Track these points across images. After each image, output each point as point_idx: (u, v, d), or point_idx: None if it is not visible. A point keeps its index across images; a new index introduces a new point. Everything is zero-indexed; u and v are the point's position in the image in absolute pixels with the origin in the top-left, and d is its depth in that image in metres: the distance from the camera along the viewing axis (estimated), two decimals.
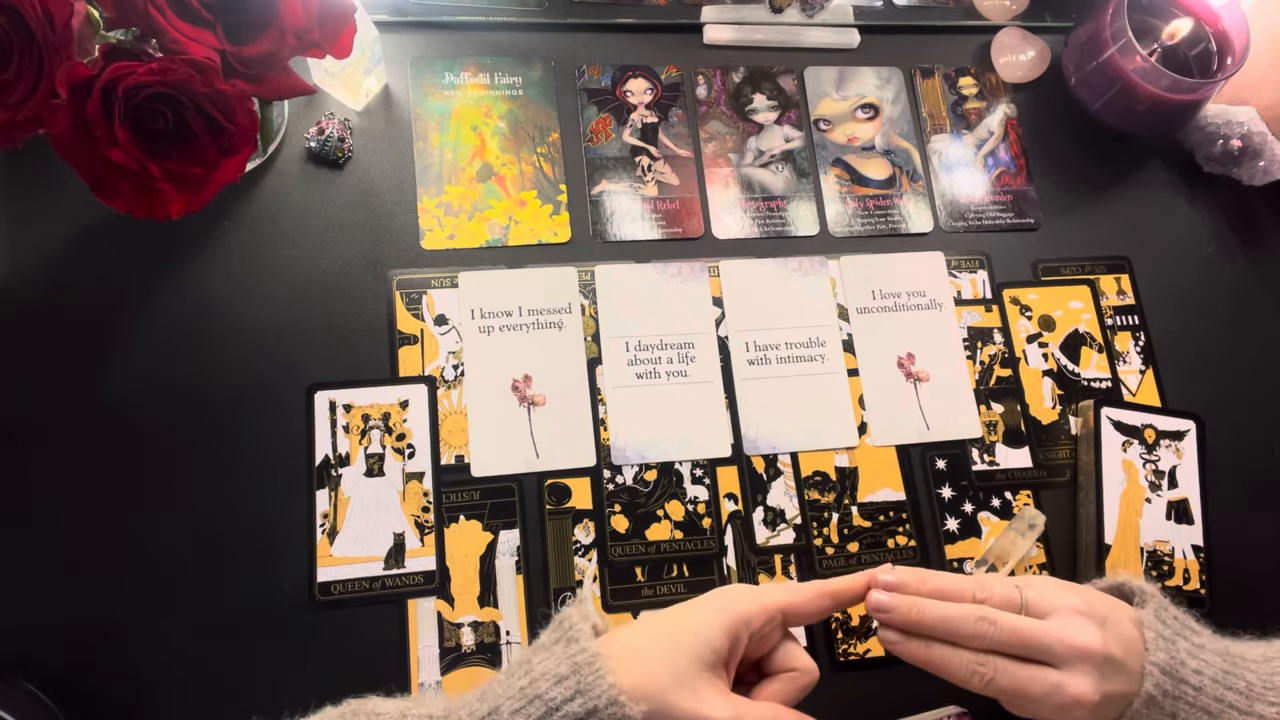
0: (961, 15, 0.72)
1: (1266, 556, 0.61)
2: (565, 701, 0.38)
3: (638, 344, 0.59)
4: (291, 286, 0.57)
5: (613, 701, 0.38)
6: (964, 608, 0.44)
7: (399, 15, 0.64)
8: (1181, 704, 0.43)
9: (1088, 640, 0.42)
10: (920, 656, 0.45)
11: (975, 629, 0.43)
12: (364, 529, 0.53)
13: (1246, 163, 0.67)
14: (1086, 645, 0.42)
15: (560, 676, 0.39)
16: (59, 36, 0.42)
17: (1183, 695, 0.43)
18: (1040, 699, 0.42)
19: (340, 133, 0.60)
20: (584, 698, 0.38)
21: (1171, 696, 0.43)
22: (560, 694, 0.39)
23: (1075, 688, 0.42)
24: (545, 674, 0.39)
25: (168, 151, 0.45)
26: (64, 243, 0.56)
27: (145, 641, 0.50)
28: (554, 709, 0.38)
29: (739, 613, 0.42)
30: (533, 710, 0.39)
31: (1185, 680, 0.43)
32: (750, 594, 0.43)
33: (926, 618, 0.44)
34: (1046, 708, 0.42)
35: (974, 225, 0.66)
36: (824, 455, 0.59)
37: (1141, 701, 0.42)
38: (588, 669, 0.39)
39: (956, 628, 0.43)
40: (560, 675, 0.39)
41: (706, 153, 0.65)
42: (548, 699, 0.39)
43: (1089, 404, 0.61)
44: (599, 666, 0.39)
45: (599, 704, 0.38)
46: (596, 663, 0.39)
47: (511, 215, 0.61)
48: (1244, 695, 0.43)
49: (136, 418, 0.54)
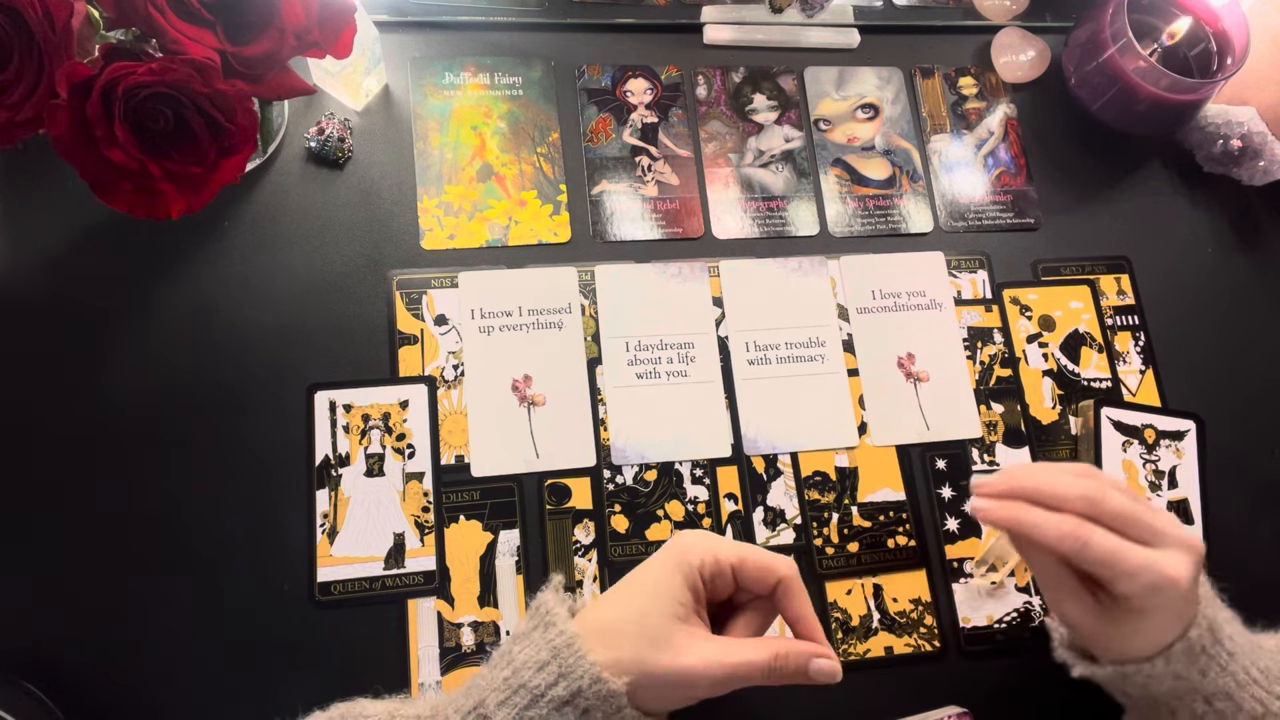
0: (961, 15, 0.72)
1: (1267, 557, 0.61)
2: (550, 687, 0.39)
3: (638, 344, 0.59)
4: (291, 286, 0.57)
5: (596, 679, 0.38)
6: (1073, 482, 0.44)
7: (399, 15, 0.64)
8: (1214, 665, 0.44)
9: (1193, 536, 0.43)
10: (1012, 516, 0.44)
11: (1083, 492, 0.43)
12: (364, 529, 0.53)
13: (1246, 163, 0.67)
14: (1192, 539, 0.43)
15: (542, 663, 0.39)
16: (59, 36, 0.42)
17: (1217, 656, 0.44)
18: (1134, 572, 0.41)
19: (340, 133, 0.60)
20: (567, 680, 0.39)
21: (1208, 654, 0.44)
22: (544, 680, 0.39)
23: (1173, 567, 0.41)
24: (527, 662, 0.40)
25: (168, 151, 0.45)
26: (64, 243, 0.56)
27: (145, 641, 0.50)
28: (539, 696, 0.39)
29: (691, 561, 0.42)
30: (518, 700, 0.39)
31: (1222, 643, 0.44)
32: (700, 542, 0.43)
33: (1032, 482, 0.44)
34: (1138, 584, 0.41)
35: (974, 225, 0.66)
36: (824, 455, 0.59)
37: (1183, 646, 0.43)
38: (567, 651, 0.39)
39: (1063, 492, 0.43)
40: (542, 661, 0.39)
41: (706, 153, 0.65)
42: (532, 687, 0.39)
43: (1089, 404, 0.61)
44: (578, 648, 0.39)
45: (583, 684, 0.38)
46: (575, 644, 0.39)
47: (511, 215, 0.61)
48: (1265, 675, 0.44)
49: (136, 417, 0.54)
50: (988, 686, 0.55)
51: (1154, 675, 0.44)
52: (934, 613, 0.56)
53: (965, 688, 0.55)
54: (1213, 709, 0.44)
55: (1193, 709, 0.44)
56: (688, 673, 0.40)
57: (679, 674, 0.40)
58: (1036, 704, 0.55)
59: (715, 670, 0.40)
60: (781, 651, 0.42)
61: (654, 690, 0.40)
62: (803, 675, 0.42)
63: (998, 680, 0.55)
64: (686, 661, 0.40)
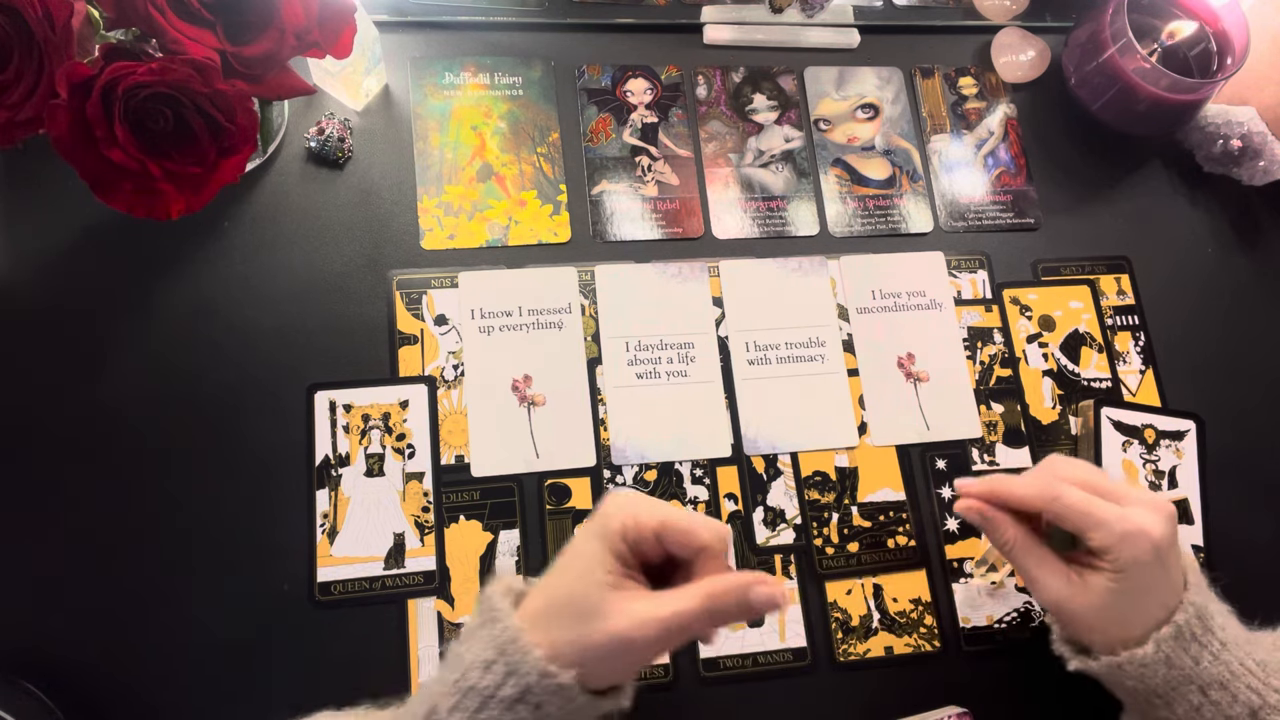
0: (961, 15, 0.72)
1: (1266, 557, 0.61)
2: (498, 687, 0.38)
3: (638, 344, 0.59)
4: (291, 286, 0.57)
5: (543, 674, 0.37)
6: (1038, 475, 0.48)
7: (399, 15, 0.64)
8: (1206, 653, 0.44)
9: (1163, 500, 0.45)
10: (988, 490, 0.48)
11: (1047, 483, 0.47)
12: (364, 529, 0.53)
13: (1246, 163, 0.67)
14: (1161, 501, 0.45)
15: (488, 662, 0.38)
16: (59, 36, 0.42)
17: (1208, 645, 0.44)
18: (1108, 520, 0.44)
19: (340, 133, 0.60)
20: (516, 678, 0.38)
21: (1199, 642, 0.44)
22: (492, 680, 0.38)
23: (1143, 519, 0.44)
24: (474, 663, 0.39)
25: (168, 151, 0.45)
26: (64, 243, 0.56)
27: (145, 641, 0.50)
28: (489, 697, 0.38)
29: (611, 527, 0.40)
30: (469, 703, 0.38)
31: (1213, 631, 0.44)
32: (624, 507, 0.41)
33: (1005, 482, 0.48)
34: (1113, 534, 0.44)
35: (974, 225, 0.66)
36: (824, 455, 0.59)
37: (1172, 630, 0.44)
38: (512, 648, 0.38)
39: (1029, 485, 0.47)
40: (488, 661, 0.38)
41: (706, 153, 0.65)
42: (481, 689, 0.38)
43: (1089, 404, 0.61)
44: (522, 643, 0.38)
45: (530, 681, 0.37)
46: (519, 639, 0.38)
47: (511, 215, 0.61)
48: (1260, 668, 0.44)
49: (136, 417, 0.54)
50: (988, 686, 0.55)
51: (1147, 663, 0.44)
52: (934, 613, 0.56)
53: (965, 688, 0.55)
54: (1208, 700, 0.44)
55: (1189, 700, 0.44)
56: (622, 638, 0.38)
57: (615, 641, 0.38)
58: (1036, 704, 0.55)
59: (650, 629, 0.38)
60: (715, 590, 0.39)
61: (599, 666, 0.39)
62: (746, 609, 0.39)
63: (998, 680, 0.55)
64: (618, 626, 0.38)
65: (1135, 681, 0.45)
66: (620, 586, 0.40)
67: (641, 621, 0.38)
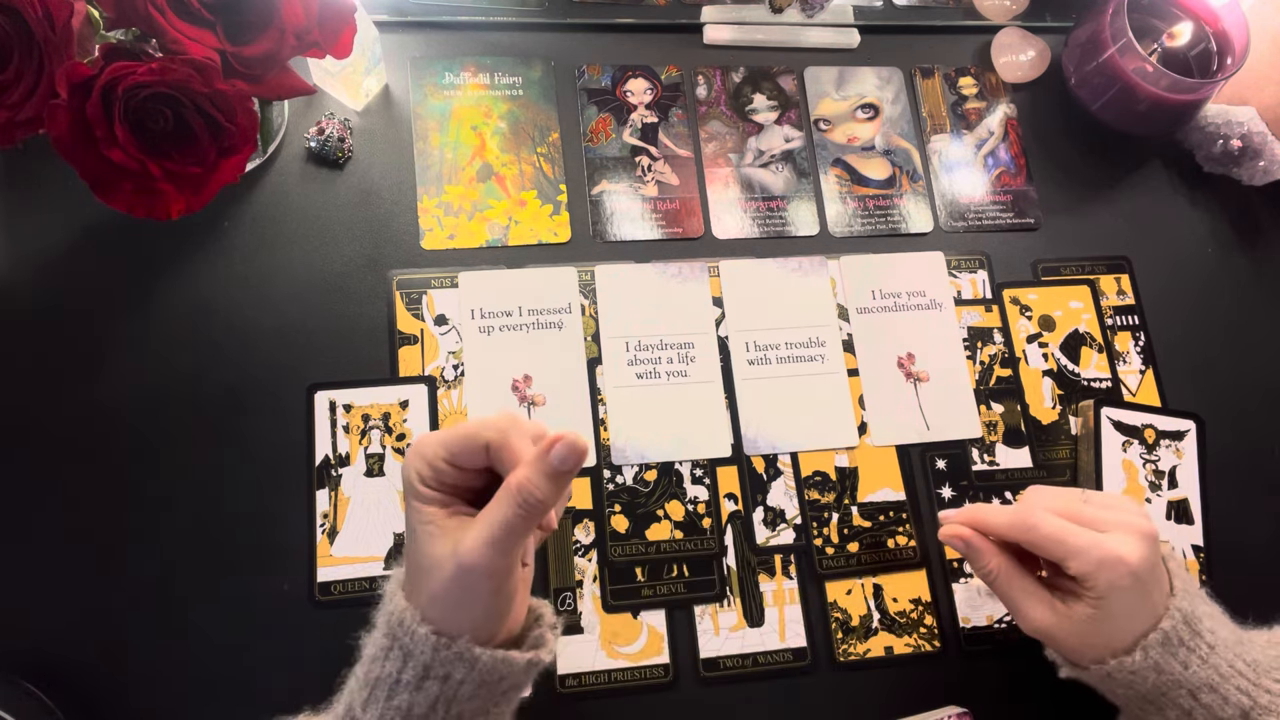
0: (961, 15, 0.72)
1: (1266, 557, 0.61)
2: (400, 672, 0.38)
3: (638, 344, 0.59)
4: (291, 286, 0.57)
5: (435, 648, 0.37)
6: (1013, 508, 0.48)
7: (399, 15, 0.64)
8: (1195, 658, 0.44)
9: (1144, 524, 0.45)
10: (968, 517, 0.50)
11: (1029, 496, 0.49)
12: (364, 529, 0.53)
13: (1246, 163, 0.67)
14: (1141, 525, 0.45)
15: (385, 650, 0.38)
16: (59, 36, 0.42)
17: (1197, 649, 0.44)
18: (1083, 548, 0.44)
19: (340, 133, 0.60)
20: (413, 660, 0.38)
21: (1186, 647, 0.44)
22: (393, 668, 0.38)
23: (1120, 546, 0.44)
24: (375, 654, 0.39)
25: (168, 151, 0.45)
26: (64, 243, 0.56)
27: (145, 641, 0.50)
28: (395, 683, 0.38)
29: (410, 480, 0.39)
30: (379, 694, 0.38)
31: (1201, 635, 0.44)
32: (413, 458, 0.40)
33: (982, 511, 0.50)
34: (1089, 561, 0.44)
35: (974, 225, 0.66)
36: (824, 455, 0.59)
37: (1158, 637, 0.44)
38: (400, 630, 0.38)
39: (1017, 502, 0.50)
40: (385, 648, 0.38)
41: (706, 153, 0.65)
42: (385, 677, 0.38)
43: (1089, 404, 0.61)
44: (408, 624, 0.38)
45: (427, 659, 0.37)
46: (405, 620, 0.38)
47: (511, 215, 0.61)
48: (1251, 668, 0.44)
49: (136, 418, 0.54)
50: (988, 686, 0.55)
51: (1135, 670, 0.44)
52: (934, 613, 0.56)
53: (965, 688, 0.55)
54: (1199, 703, 0.44)
55: (1180, 704, 0.44)
56: (460, 571, 0.37)
57: (455, 579, 0.37)
58: (1036, 704, 0.55)
59: (478, 549, 0.37)
60: (518, 481, 0.38)
61: (460, 611, 0.38)
62: (556, 478, 0.38)
63: (998, 680, 0.55)
64: (453, 564, 0.37)
65: (1125, 688, 0.45)
66: (446, 530, 0.39)
67: (468, 549, 0.37)
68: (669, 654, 0.53)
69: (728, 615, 0.55)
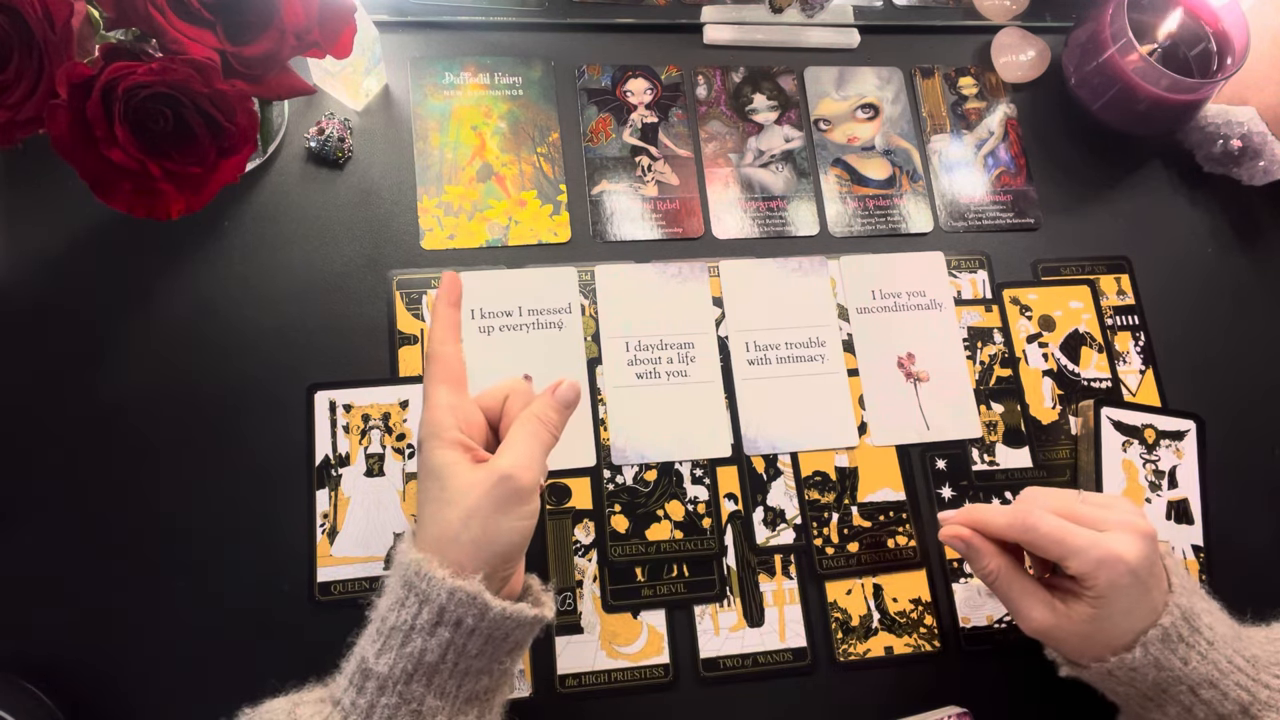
0: (961, 15, 0.72)
1: (1266, 557, 0.61)
2: (415, 617, 0.39)
3: (638, 344, 0.59)
4: (291, 286, 0.57)
5: (451, 591, 0.38)
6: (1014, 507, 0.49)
7: (399, 15, 0.64)
8: (1194, 653, 0.44)
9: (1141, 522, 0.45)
10: (966, 518, 0.50)
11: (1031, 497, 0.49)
12: (364, 529, 0.53)
13: (1246, 163, 0.67)
14: (1139, 524, 0.45)
15: (400, 599, 0.39)
16: (59, 36, 0.42)
17: (1196, 645, 0.44)
18: (1083, 547, 0.44)
19: (340, 133, 0.60)
20: (429, 605, 0.39)
21: (1185, 643, 0.44)
22: (408, 615, 0.39)
23: (1118, 545, 0.44)
24: (390, 605, 0.40)
25: (168, 151, 0.45)
26: (64, 243, 0.56)
27: (145, 641, 0.50)
28: (410, 629, 0.39)
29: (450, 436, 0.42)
30: (392, 641, 0.39)
31: (1199, 631, 0.44)
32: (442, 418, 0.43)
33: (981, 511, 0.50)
34: (1089, 560, 0.44)
35: (974, 225, 0.66)
36: (824, 455, 0.59)
37: (1159, 633, 0.44)
38: (417, 579, 0.39)
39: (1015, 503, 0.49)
40: (400, 598, 0.39)
41: (706, 153, 0.65)
42: (400, 625, 0.39)
43: (1089, 404, 0.61)
44: (424, 570, 0.39)
45: (443, 602, 0.38)
46: (421, 568, 0.39)
47: (511, 215, 0.61)
48: (1250, 664, 0.44)
49: (136, 418, 0.54)
50: (988, 686, 0.55)
51: (1135, 667, 0.44)
52: (934, 613, 0.56)
53: (965, 688, 0.55)
54: (1199, 699, 0.44)
55: (1180, 700, 0.44)
56: (503, 482, 0.40)
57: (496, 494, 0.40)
58: (1036, 704, 0.55)
59: (518, 463, 0.41)
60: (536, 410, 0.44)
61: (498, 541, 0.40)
62: (565, 409, 0.45)
63: (998, 680, 0.55)
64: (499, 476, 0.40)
65: (1126, 686, 0.45)
66: (474, 466, 0.42)
67: (506, 463, 0.41)
68: (669, 654, 0.53)
69: (728, 615, 0.55)
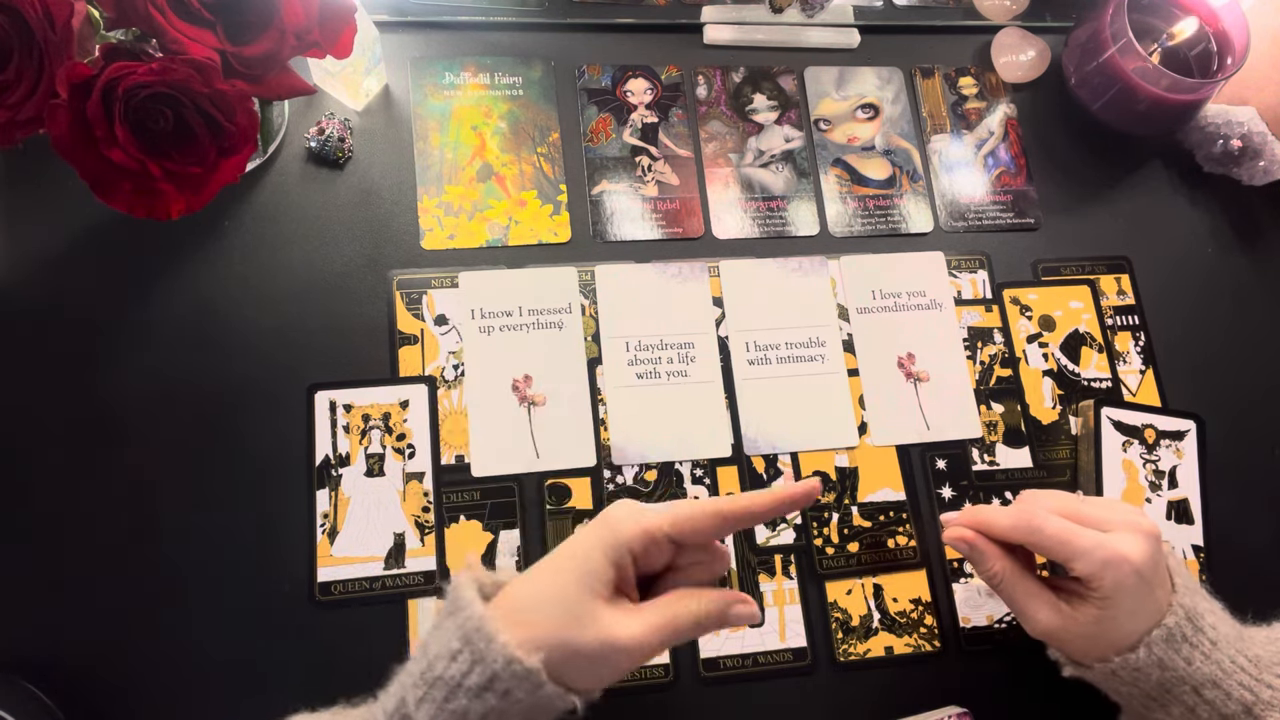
0: (961, 15, 0.72)
1: (1267, 557, 0.61)
2: (465, 675, 0.38)
3: (638, 344, 0.59)
4: (291, 286, 0.57)
5: (509, 660, 0.37)
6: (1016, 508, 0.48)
7: (399, 15, 0.64)
8: (1198, 653, 0.44)
9: (1145, 523, 0.45)
10: (970, 519, 0.49)
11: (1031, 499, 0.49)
12: (364, 529, 0.53)
13: (1246, 163, 0.67)
14: (1144, 524, 0.45)
15: (454, 652, 0.38)
16: (59, 36, 0.42)
17: (1199, 645, 0.44)
18: (1088, 549, 0.44)
19: (340, 133, 0.60)
20: (482, 666, 0.37)
21: (1189, 643, 0.44)
22: (458, 670, 0.38)
23: (1124, 545, 0.44)
24: (441, 653, 0.39)
25: (168, 151, 0.45)
26: (64, 243, 0.56)
27: (145, 641, 0.50)
28: (456, 686, 0.38)
29: (621, 536, 0.41)
30: (436, 694, 0.38)
31: (1203, 631, 0.44)
32: (630, 515, 0.42)
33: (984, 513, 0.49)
34: (1094, 562, 0.44)
35: (974, 225, 0.66)
36: (824, 455, 0.59)
37: (1162, 633, 0.44)
38: (477, 636, 0.38)
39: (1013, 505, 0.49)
40: (454, 650, 0.38)
41: (706, 153, 0.65)
42: (448, 678, 0.38)
43: (1089, 404, 0.61)
44: (488, 630, 0.38)
45: (497, 669, 0.37)
46: (485, 627, 0.38)
47: (511, 215, 0.61)
48: (1253, 664, 0.44)
49: (136, 418, 0.54)
50: (988, 686, 0.55)
51: (1139, 668, 0.44)
52: (934, 613, 0.56)
53: (965, 688, 0.55)
54: (1203, 699, 0.44)
55: (1183, 700, 0.44)
56: (611, 645, 0.39)
57: (602, 648, 0.39)
58: (1036, 704, 0.55)
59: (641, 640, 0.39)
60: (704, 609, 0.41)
61: (579, 666, 0.39)
62: (724, 623, 0.42)
63: (998, 680, 0.55)
64: (616, 633, 0.39)
65: (1129, 686, 0.45)
66: (611, 598, 0.40)
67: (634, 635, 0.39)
68: (669, 654, 0.53)
69: None
